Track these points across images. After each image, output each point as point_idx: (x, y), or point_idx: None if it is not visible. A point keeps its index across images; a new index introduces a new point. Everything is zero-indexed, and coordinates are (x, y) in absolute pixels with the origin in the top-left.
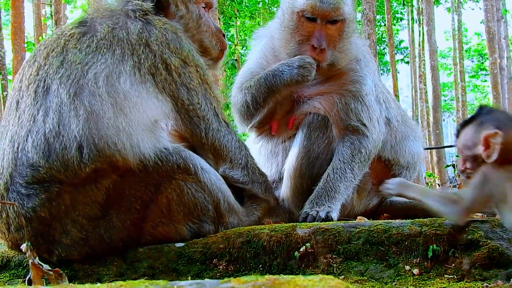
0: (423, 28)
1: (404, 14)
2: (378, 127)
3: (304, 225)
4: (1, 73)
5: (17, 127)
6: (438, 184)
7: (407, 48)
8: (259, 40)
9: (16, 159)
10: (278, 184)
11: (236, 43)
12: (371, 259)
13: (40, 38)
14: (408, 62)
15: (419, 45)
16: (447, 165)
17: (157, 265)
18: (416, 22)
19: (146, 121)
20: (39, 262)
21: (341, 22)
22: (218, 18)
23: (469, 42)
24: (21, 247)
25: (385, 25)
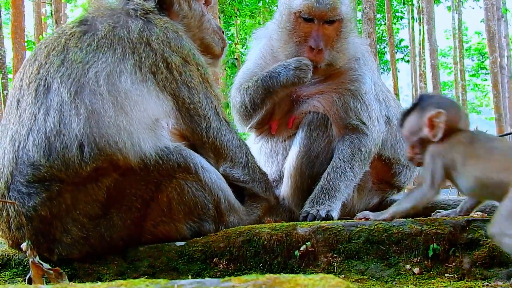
0: (424, 27)
1: (405, 13)
2: (378, 126)
3: (305, 224)
4: (2, 72)
5: (18, 126)
6: None
7: (408, 47)
8: (258, 41)
9: (17, 158)
10: (279, 183)
11: (237, 42)
12: (372, 258)
13: (41, 37)
14: (409, 61)
15: (420, 44)
16: None
17: (158, 264)
18: (417, 21)
19: (147, 120)
20: (40, 261)
21: (338, 22)
22: (219, 17)
23: (470, 41)
24: (22, 246)
25: (386, 24)
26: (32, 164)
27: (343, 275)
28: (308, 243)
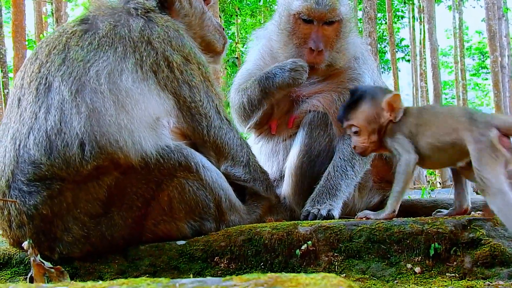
0: (424, 26)
1: (405, 12)
2: None
3: (306, 223)
4: (2, 71)
5: (19, 124)
6: (439, 183)
7: (408, 46)
8: (257, 41)
9: (18, 157)
10: (279, 183)
11: (237, 41)
12: (373, 257)
13: (41, 36)
14: (409, 60)
15: (420, 43)
16: None
17: (159, 263)
18: (417, 20)
19: (148, 119)
20: (41, 260)
21: (338, 23)
22: (219, 16)
23: (470, 40)
24: (23, 245)
25: (386, 23)
26: (33, 163)
27: (344, 274)
28: (309, 242)
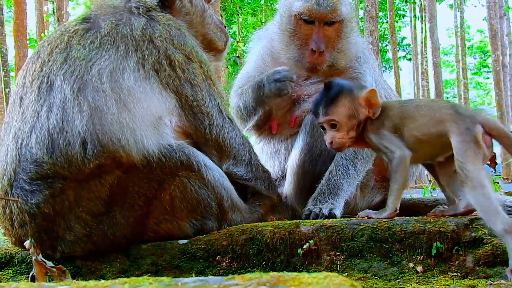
0: (426, 25)
1: (407, 11)
2: None
3: (308, 222)
4: (4, 70)
5: (21, 123)
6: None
7: (409, 45)
8: (258, 42)
9: (20, 155)
10: (281, 182)
11: (238, 40)
12: (375, 257)
13: (43, 35)
14: (410, 59)
15: (422, 42)
16: None
17: (160, 262)
18: (419, 19)
19: (150, 117)
20: (43, 259)
21: (339, 23)
22: (221, 15)
23: (472, 39)
24: (25, 244)
25: (388, 22)
26: (35, 161)
27: (346, 274)
28: (311, 241)
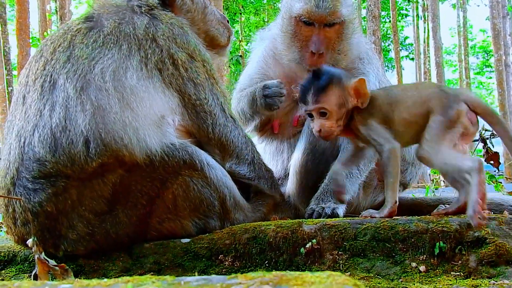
0: (428, 25)
1: (409, 11)
2: None
3: (310, 222)
4: (7, 68)
5: (24, 122)
6: (443, 181)
7: (412, 45)
8: (260, 42)
9: (23, 154)
10: (284, 181)
11: (241, 39)
12: (378, 256)
13: (45, 34)
14: (413, 59)
15: (424, 42)
16: None
17: (163, 261)
18: (421, 19)
19: (153, 116)
20: (45, 257)
21: (339, 25)
22: None
23: (474, 39)
24: (27, 242)
25: (390, 22)
26: (38, 160)
27: (349, 273)
28: (314, 241)
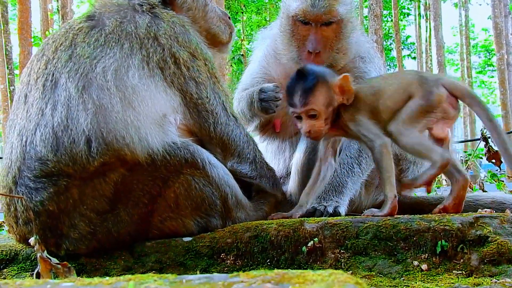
0: (430, 24)
1: (411, 10)
2: None
3: (312, 220)
4: (8, 68)
5: (25, 121)
6: (445, 180)
7: (414, 44)
8: (262, 41)
9: (24, 153)
10: (286, 180)
11: (243, 38)
12: (379, 254)
13: (47, 33)
14: (415, 58)
15: (426, 41)
16: None
17: (165, 260)
18: (423, 18)
19: (155, 115)
20: (47, 256)
21: (336, 23)
22: None
23: (476, 38)
24: (29, 241)
25: (392, 21)
26: (40, 159)
27: (351, 271)
28: (316, 239)
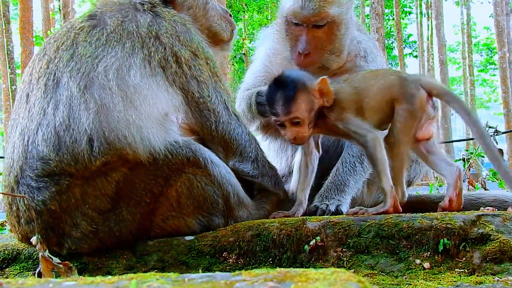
0: (432, 22)
1: (413, 8)
2: None
3: (314, 219)
4: (10, 67)
5: (27, 120)
6: None
7: (416, 42)
8: (264, 41)
9: (26, 152)
10: (288, 178)
11: (244, 37)
12: (382, 253)
13: (49, 32)
14: (417, 56)
15: (428, 39)
16: (457, 160)
17: (167, 258)
18: (425, 16)
19: (156, 114)
20: (49, 255)
21: (328, 25)
22: None
23: (478, 36)
24: (31, 240)
25: (394, 19)
26: (42, 159)
27: (353, 270)
28: (318, 238)
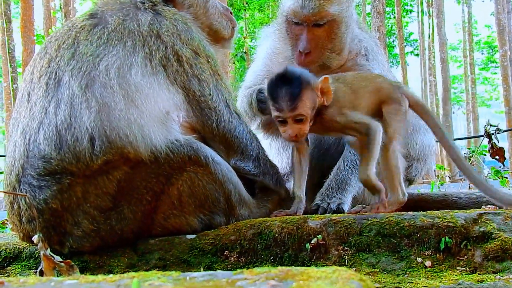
0: (433, 20)
1: (414, 6)
2: None
3: (316, 217)
4: (11, 66)
5: (29, 119)
6: (449, 177)
7: (417, 41)
8: (265, 39)
9: (28, 151)
10: (289, 177)
11: (245, 36)
12: (383, 251)
13: (50, 31)
14: (418, 55)
15: (429, 38)
16: None
17: (168, 257)
18: (426, 14)
19: (158, 113)
20: (51, 254)
21: (328, 24)
22: None
23: (479, 34)
24: (33, 239)
25: (395, 17)
26: (43, 157)
27: (354, 268)
28: (319, 236)
